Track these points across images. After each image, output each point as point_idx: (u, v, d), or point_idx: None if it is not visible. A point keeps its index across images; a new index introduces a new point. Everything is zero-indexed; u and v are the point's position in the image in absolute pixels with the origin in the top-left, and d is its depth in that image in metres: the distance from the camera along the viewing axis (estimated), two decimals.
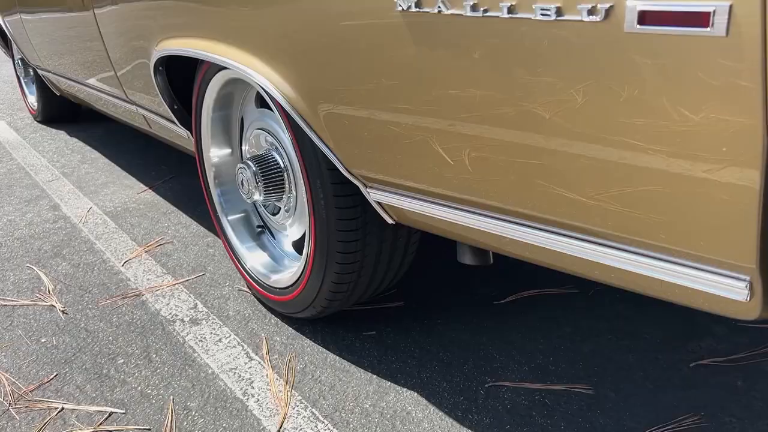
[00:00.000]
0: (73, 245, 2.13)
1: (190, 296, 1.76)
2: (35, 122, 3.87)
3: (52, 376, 1.45)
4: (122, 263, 1.97)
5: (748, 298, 0.70)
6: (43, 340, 1.59)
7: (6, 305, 1.77)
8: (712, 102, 0.64)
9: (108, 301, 1.76)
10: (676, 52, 0.63)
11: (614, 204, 0.78)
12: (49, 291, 1.83)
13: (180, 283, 1.83)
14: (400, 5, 0.87)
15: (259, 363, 1.45)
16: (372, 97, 1.01)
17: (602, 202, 0.79)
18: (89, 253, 2.07)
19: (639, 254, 0.79)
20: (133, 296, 1.78)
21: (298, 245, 1.62)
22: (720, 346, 1.44)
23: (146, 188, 2.64)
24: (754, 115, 0.62)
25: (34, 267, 1.98)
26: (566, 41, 0.71)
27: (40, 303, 1.77)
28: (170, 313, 1.68)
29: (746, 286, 0.70)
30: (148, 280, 1.86)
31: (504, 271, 1.79)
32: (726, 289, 0.72)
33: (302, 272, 1.45)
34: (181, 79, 1.70)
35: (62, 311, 1.72)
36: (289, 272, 1.55)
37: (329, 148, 1.18)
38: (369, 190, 1.19)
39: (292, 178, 1.49)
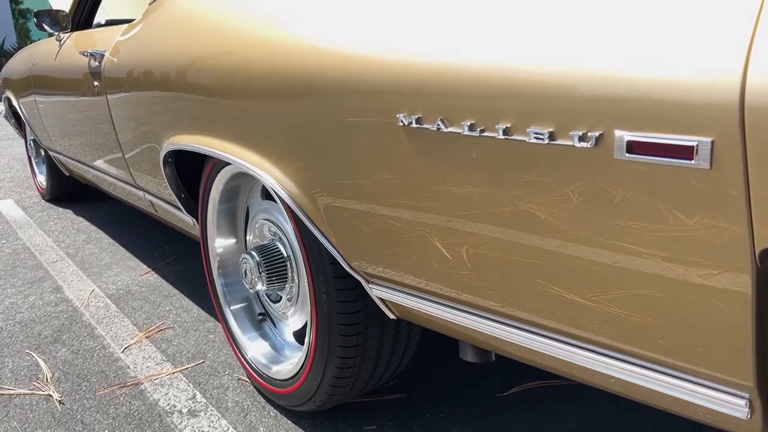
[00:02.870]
0: (74, 330, 2.12)
1: (189, 385, 1.74)
2: (43, 201, 3.93)
3: None
4: (122, 349, 1.96)
5: (749, 416, 0.70)
6: None
7: (3, 394, 1.75)
8: (699, 217, 0.66)
9: (106, 390, 1.74)
10: (664, 177, 0.66)
11: (611, 307, 0.79)
12: (47, 379, 1.81)
13: (179, 371, 1.82)
14: (402, 121, 0.91)
15: None
16: (372, 195, 1.05)
17: (599, 304, 0.80)
18: (89, 338, 2.06)
19: (638, 365, 0.80)
20: (131, 385, 1.76)
21: (300, 335, 1.62)
22: None
23: (149, 270, 2.65)
24: (741, 227, 0.64)
25: (33, 353, 1.97)
26: (559, 161, 0.75)
27: (37, 392, 1.75)
28: (168, 404, 1.65)
29: (746, 404, 0.70)
30: (147, 367, 1.85)
31: (506, 360, 1.77)
32: (726, 406, 0.72)
33: (303, 364, 1.44)
34: (188, 168, 1.75)
35: (59, 401, 1.70)
36: (290, 363, 1.54)
37: (331, 243, 1.20)
38: (371, 285, 1.20)
39: (294, 267, 1.51)
